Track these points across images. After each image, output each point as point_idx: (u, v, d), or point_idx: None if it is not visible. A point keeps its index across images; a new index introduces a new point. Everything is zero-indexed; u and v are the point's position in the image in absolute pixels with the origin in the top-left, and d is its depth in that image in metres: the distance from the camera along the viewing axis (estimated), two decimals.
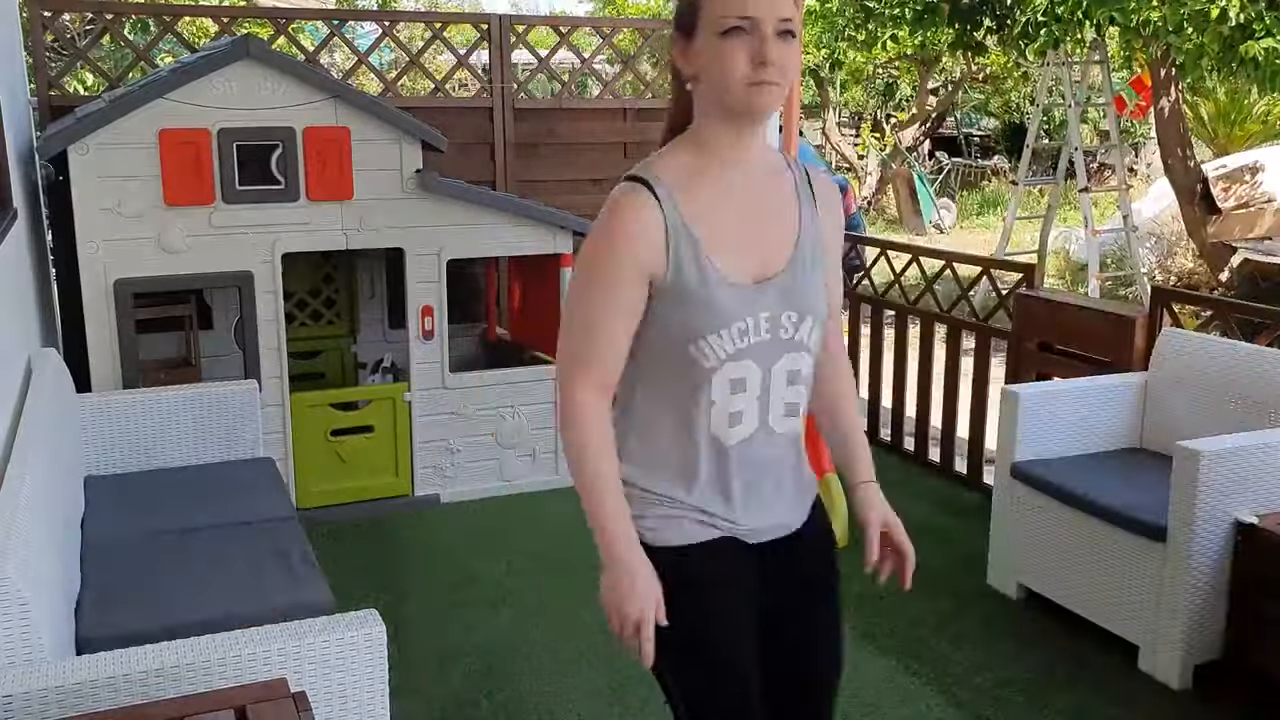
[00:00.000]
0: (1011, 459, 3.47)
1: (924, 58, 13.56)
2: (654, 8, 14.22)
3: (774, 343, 1.63)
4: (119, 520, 2.93)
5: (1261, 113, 12.05)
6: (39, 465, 2.38)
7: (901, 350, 4.96)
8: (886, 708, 2.94)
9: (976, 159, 18.14)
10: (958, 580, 3.71)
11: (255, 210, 3.85)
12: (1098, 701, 2.96)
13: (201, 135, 3.74)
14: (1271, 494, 2.94)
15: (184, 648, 1.80)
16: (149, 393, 3.47)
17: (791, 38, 1.55)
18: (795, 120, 6.11)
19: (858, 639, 3.31)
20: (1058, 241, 10.69)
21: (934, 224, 14.06)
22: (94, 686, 1.70)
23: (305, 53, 5.00)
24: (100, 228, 3.67)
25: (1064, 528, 3.30)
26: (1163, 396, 3.57)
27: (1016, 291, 4.29)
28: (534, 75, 5.43)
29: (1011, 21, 7.87)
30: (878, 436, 5.17)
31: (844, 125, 19.05)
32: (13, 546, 1.88)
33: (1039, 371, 4.16)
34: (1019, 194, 9.40)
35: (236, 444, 3.49)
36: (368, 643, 1.90)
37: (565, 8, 22.29)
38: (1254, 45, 6.05)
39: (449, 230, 4.13)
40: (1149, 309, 3.85)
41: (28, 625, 1.82)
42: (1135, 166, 16.84)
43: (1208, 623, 2.96)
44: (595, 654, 3.21)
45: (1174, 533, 2.93)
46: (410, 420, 4.23)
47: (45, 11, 4.35)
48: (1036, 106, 9.15)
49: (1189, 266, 9.59)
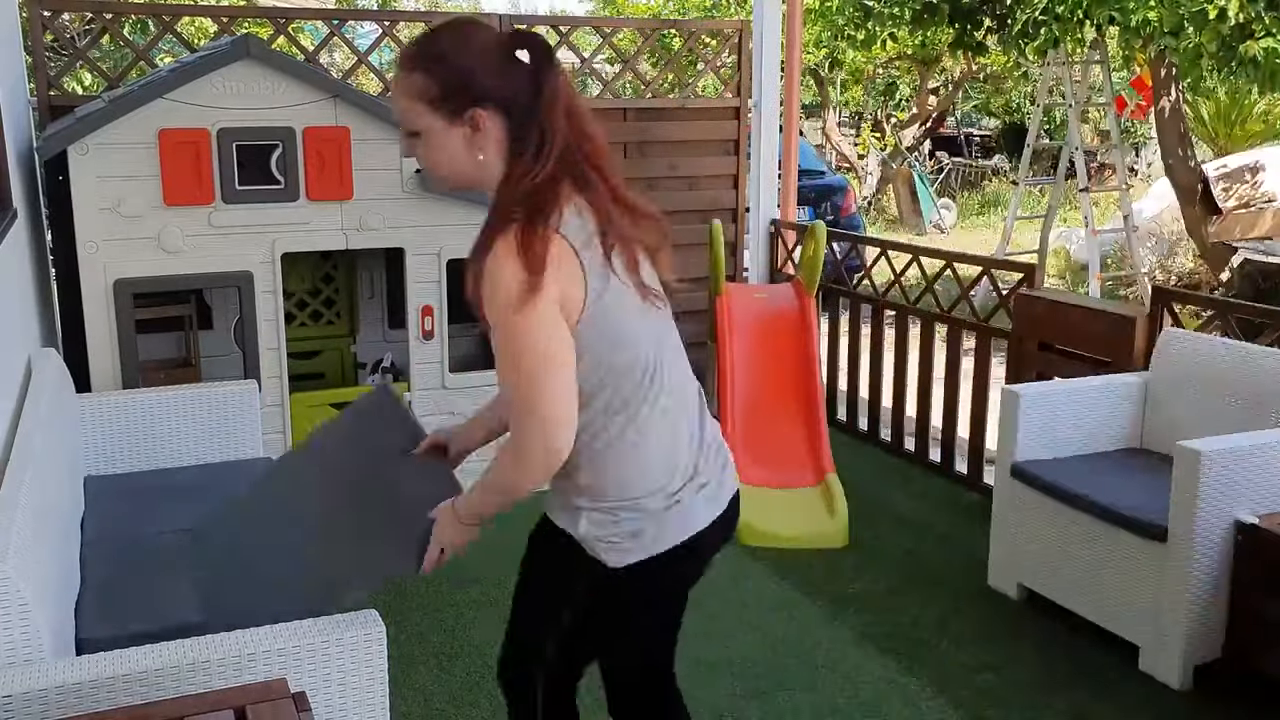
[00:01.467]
0: (1011, 459, 3.47)
1: (924, 58, 13.55)
2: (654, 8, 14.22)
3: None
4: (119, 520, 2.93)
5: (1262, 113, 12.05)
6: (39, 465, 2.38)
7: (901, 350, 4.96)
8: (886, 708, 2.94)
9: (977, 159, 18.15)
10: (958, 580, 3.72)
11: (255, 210, 3.84)
12: (1098, 701, 2.96)
13: (201, 135, 3.73)
14: (1272, 494, 2.93)
15: (184, 648, 1.79)
16: (149, 393, 3.47)
17: (415, 137, 1.71)
18: (795, 120, 6.13)
19: (858, 639, 3.32)
20: (1058, 241, 10.69)
21: (934, 224, 14.07)
22: (94, 686, 1.70)
23: (305, 53, 5.00)
24: (100, 228, 3.66)
25: (1064, 528, 3.30)
26: (1163, 396, 3.56)
27: (1017, 291, 4.29)
28: None
29: (1011, 21, 7.87)
30: (878, 436, 5.17)
31: (844, 125, 19.05)
32: (13, 546, 1.88)
33: (1039, 371, 4.16)
34: (1019, 194, 9.40)
35: (236, 444, 3.49)
36: (368, 643, 1.90)
37: (565, 8, 22.30)
38: (1254, 45, 6.04)
39: (449, 230, 4.13)
40: (1149, 309, 3.85)
41: (28, 625, 1.82)
42: (1135, 166, 16.85)
43: (1208, 623, 2.96)
44: None
45: (1174, 533, 2.93)
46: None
47: (45, 11, 4.35)
48: (1036, 106, 9.15)
49: (1189, 266, 9.59)
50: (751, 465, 4.30)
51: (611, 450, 1.76)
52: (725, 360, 4.52)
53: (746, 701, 2.98)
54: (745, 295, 4.80)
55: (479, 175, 1.73)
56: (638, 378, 1.75)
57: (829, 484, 4.23)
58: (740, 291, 4.82)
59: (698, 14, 12.99)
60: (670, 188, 5.62)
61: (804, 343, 4.59)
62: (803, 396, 4.50)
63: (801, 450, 4.39)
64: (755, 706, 2.95)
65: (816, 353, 4.58)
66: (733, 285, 4.83)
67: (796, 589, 3.65)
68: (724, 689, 3.04)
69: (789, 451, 4.39)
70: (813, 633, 3.36)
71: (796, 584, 3.69)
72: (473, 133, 1.68)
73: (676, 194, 5.64)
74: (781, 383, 4.55)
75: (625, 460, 1.76)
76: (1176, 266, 9.75)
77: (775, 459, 4.35)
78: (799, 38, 5.97)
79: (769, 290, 4.97)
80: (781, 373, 4.56)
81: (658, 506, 1.77)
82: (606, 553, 1.79)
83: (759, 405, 4.48)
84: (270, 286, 3.92)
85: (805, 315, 4.64)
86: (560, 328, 1.64)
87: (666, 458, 1.79)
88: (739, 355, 4.55)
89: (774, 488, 4.25)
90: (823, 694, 3.01)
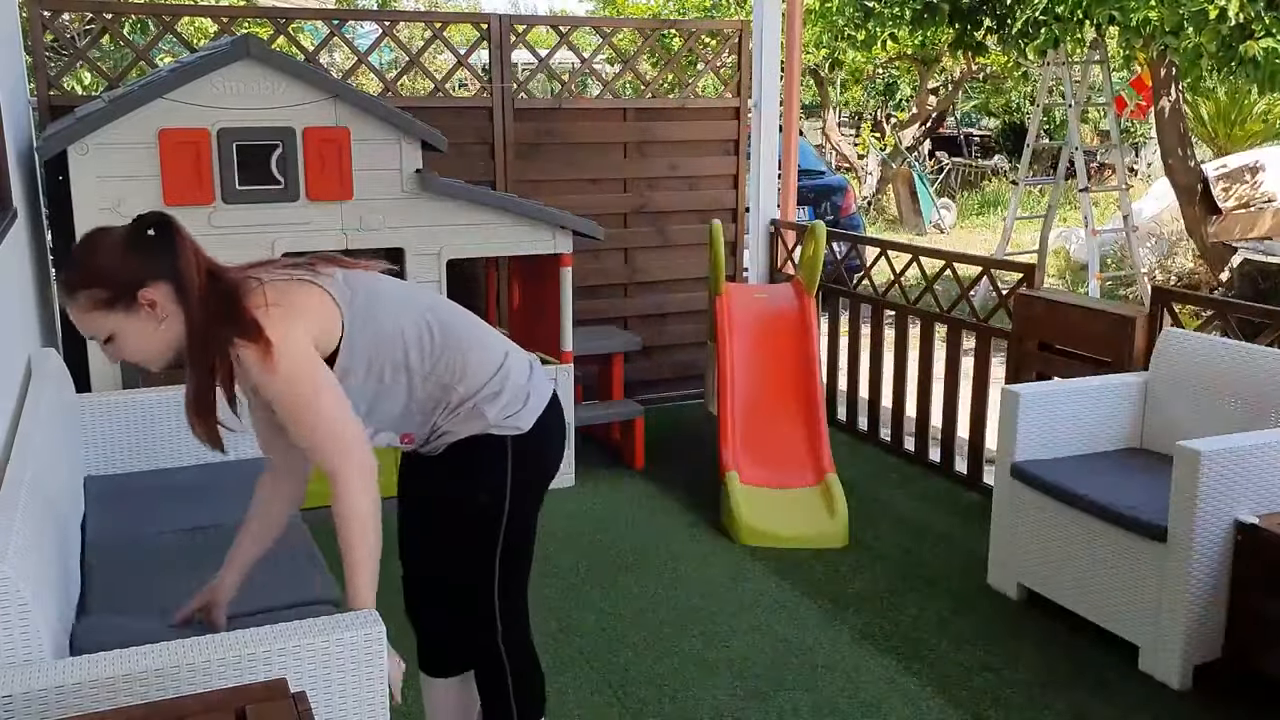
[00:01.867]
0: (1011, 459, 3.47)
1: (924, 58, 13.55)
2: (654, 8, 14.21)
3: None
4: (119, 520, 2.93)
5: (1261, 113, 12.05)
6: (39, 465, 2.38)
7: (901, 350, 4.96)
8: (886, 708, 2.94)
9: (976, 159, 18.14)
10: (958, 580, 3.72)
11: (255, 210, 3.85)
12: (1098, 701, 2.96)
13: (201, 135, 3.73)
14: (1271, 494, 2.94)
15: (184, 648, 1.79)
16: (149, 393, 3.46)
17: (112, 342, 1.92)
18: (795, 120, 6.12)
19: (858, 639, 3.32)
20: (1058, 241, 10.69)
21: (934, 224, 14.06)
22: (94, 686, 1.70)
23: (305, 53, 5.00)
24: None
25: (1064, 528, 3.30)
26: (1163, 396, 3.57)
27: (1017, 291, 4.30)
28: (534, 75, 5.43)
29: (1011, 21, 7.87)
30: (878, 436, 5.18)
31: (844, 125, 19.06)
32: (13, 546, 1.88)
33: (1039, 371, 4.16)
34: (1019, 194, 9.40)
35: (236, 444, 3.48)
36: (367, 643, 1.90)
37: (565, 7, 22.30)
38: (1253, 45, 6.04)
39: (449, 230, 4.13)
40: (1149, 309, 3.85)
41: (27, 625, 1.82)
42: (1135, 166, 16.85)
43: (1208, 623, 2.96)
44: (595, 653, 3.22)
45: (1174, 533, 2.93)
46: None
47: (45, 11, 4.35)
48: (1036, 106, 9.15)
49: (1189, 266, 9.59)
50: (751, 465, 4.31)
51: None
52: (725, 360, 4.52)
53: (746, 701, 2.98)
54: (745, 295, 4.80)
55: (173, 340, 1.94)
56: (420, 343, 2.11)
57: (829, 484, 4.23)
58: (740, 291, 4.82)
59: (698, 14, 12.99)
60: (670, 188, 5.62)
61: (804, 343, 4.59)
62: (802, 396, 4.50)
63: (801, 450, 4.40)
64: (755, 706, 2.95)
65: (816, 353, 4.58)
66: (733, 285, 4.83)
67: (796, 589, 3.66)
68: (724, 689, 3.04)
69: (789, 451, 4.39)
70: (813, 633, 3.36)
71: (796, 584, 3.69)
72: (151, 309, 1.90)
73: (676, 194, 5.65)
74: (781, 383, 4.55)
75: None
76: (1176, 266, 9.75)
77: (775, 459, 4.36)
78: (799, 38, 5.96)
79: (769, 290, 4.97)
80: (781, 373, 4.56)
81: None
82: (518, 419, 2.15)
83: (759, 405, 4.48)
84: None
85: (805, 315, 4.64)
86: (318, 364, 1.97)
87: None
88: (739, 355, 4.55)
89: (774, 488, 4.25)
90: (823, 694, 3.01)
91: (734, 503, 4.10)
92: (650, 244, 5.64)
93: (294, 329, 1.92)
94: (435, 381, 2.10)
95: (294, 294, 1.97)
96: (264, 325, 1.89)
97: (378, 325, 2.04)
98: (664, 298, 5.73)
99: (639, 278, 5.65)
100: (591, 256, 5.38)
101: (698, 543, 4.04)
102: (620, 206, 5.53)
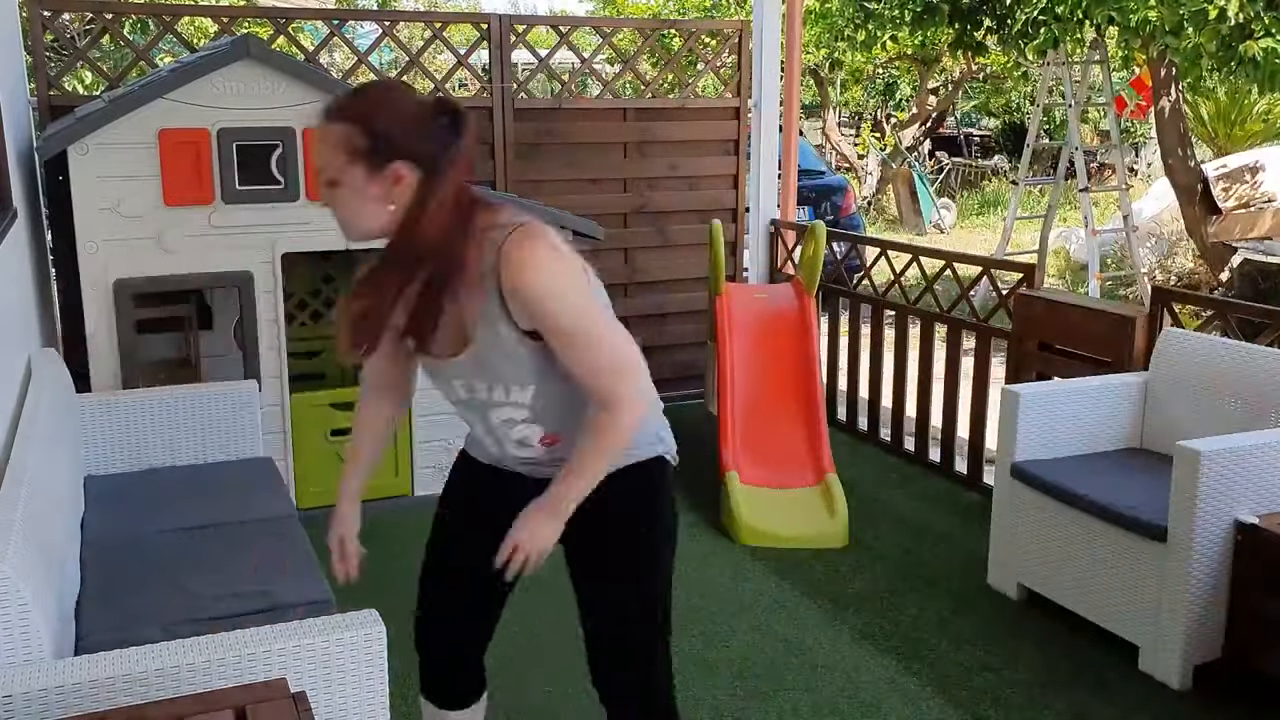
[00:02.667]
0: (1011, 459, 3.47)
1: (924, 58, 13.55)
2: (654, 8, 14.21)
3: (472, 402, 1.96)
4: (119, 520, 2.93)
5: (1262, 113, 12.05)
6: (39, 465, 2.38)
7: (901, 350, 4.96)
8: (886, 708, 2.94)
9: (976, 159, 18.14)
10: (958, 580, 3.72)
11: (255, 210, 3.84)
12: (1098, 701, 2.96)
13: (201, 135, 3.73)
14: (1271, 494, 2.94)
15: (184, 648, 1.79)
16: (149, 393, 3.47)
17: (333, 186, 1.77)
18: (795, 120, 6.13)
19: (858, 639, 3.32)
20: (1058, 241, 10.69)
21: (934, 224, 14.06)
22: (94, 686, 1.70)
23: (305, 53, 5.00)
24: (100, 228, 3.67)
25: (1064, 528, 3.30)
26: (1163, 396, 3.57)
27: (1016, 291, 4.30)
28: (534, 75, 5.43)
29: (1011, 21, 7.87)
30: (878, 436, 5.18)
31: (844, 125, 19.05)
32: (13, 546, 1.88)
33: (1039, 371, 4.16)
34: (1019, 194, 9.40)
35: (236, 444, 3.49)
36: (367, 643, 1.90)
37: (565, 7, 22.29)
38: (1253, 45, 6.04)
39: None
40: (1149, 309, 3.85)
41: (27, 625, 1.82)
42: (1135, 166, 16.85)
43: (1208, 623, 2.96)
44: None
45: (1174, 533, 2.93)
46: (410, 420, 4.23)
47: (45, 11, 4.35)
48: (1036, 106, 9.15)
49: (1189, 266, 9.59)
50: (751, 465, 4.31)
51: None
52: (725, 360, 4.52)
53: (746, 701, 2.98)
54: (745, 295, 4.80)
55: (384, 225, 1.80)
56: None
57: (829, 484, 4.23)
58: (740, 291, 4.82)
59: (698, 14, 12.99)
60: (670, 188, 5.62)
61: (804, 343, 4.59)
62: (802, 396, 4.50)
63: (801, 450, 4.40)
64: (755, 706, 2.95)
65: (816, 353, 4.58)
66: (732, 285, 4.83)
67: (796, 589, 3.65)
68: (724, 689, 3.04)
69: (789, 451, 4.39)
70: (813, 633, 3.36)
71: (796, 584, 3.69)
72: (392, 186, 1.76)
73: (676, 194, 5.65)
74: (781, 383, 4.55)
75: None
76: (1176, 266, 9.75)
77: (775, 459, 4.36)
78: (799, 38, 5.96)
79: (769, 290, 4.97)
80: (781, 373, 4.56)
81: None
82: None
83: (759, 405, 4.48)
84: (270, 287, 3.92)
85: (805, 315, 4.64)
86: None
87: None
88: (739, 355, 4.55)
89: (774, 488, 4.25)
90: (823, 694, 3.01)
91: (734, 503, 4.10)
92: (650, 244, 5.64)
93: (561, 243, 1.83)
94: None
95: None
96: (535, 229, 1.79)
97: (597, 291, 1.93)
98: (664, 298, 5.73)
99: (639, 278, 5.65)
100: (591, 256, 5.29)
101: (698, 542, 4.04)
102: (620, 206, 5.53)
